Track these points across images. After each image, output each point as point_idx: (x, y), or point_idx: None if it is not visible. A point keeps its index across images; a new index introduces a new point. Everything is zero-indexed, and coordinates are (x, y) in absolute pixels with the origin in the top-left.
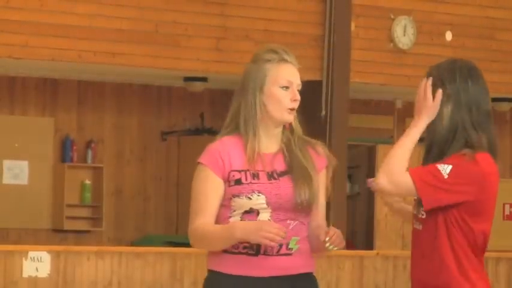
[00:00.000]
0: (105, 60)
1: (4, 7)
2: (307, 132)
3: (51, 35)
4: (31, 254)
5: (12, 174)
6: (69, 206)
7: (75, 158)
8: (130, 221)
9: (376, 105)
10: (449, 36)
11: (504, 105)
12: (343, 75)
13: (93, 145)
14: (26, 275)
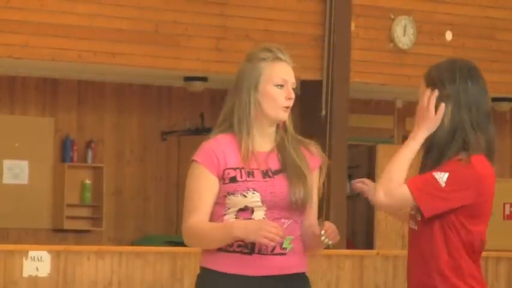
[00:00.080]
0: (105, 60)
1: (4, 7)
2: (307, 132)
3: (51, 35)
4: (31, 253)
5: (12, 174)
6: (69, 205)
7: (75, 158)
8: (131, 221)
9: (376, 105)
10: (449, 36)
11: (504, 105)
12: (343, 75)
13: (93, 145)
14: (26, 274)
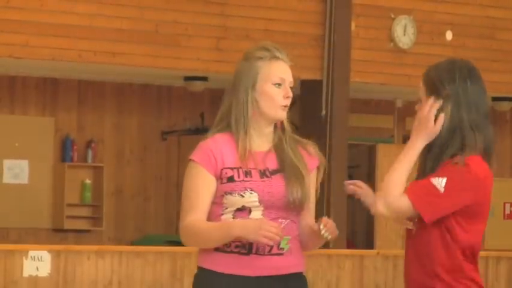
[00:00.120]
0: (105, 59)
1: (4, 7)
2: (307, 132)
3: (52, 35)
4: (31, 253)
5: (12, 174)
6: (70, 205)
7: (76, 158)
8: (131, 220)
9: (376, 105)
10: (449, 35)
11: (504, 105)
12: (344, 75)
13: (93, 145)
14: (26, 274)
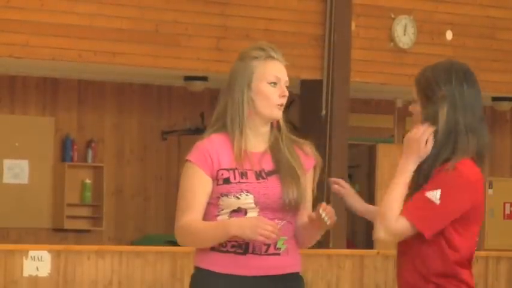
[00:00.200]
0: (106, 59)
1: (4, 7)
2: (307, 131)
3: (52, 35)
4: (31, 253)
5: (12, 174)
6: (70, 205)
7: (76, 158)
8: (131, 220)
9: (376, 105)
10: (449, 35)
11: (504, 105)
12: (344, 75)
13: (93, 144)
14: (26, 274)
